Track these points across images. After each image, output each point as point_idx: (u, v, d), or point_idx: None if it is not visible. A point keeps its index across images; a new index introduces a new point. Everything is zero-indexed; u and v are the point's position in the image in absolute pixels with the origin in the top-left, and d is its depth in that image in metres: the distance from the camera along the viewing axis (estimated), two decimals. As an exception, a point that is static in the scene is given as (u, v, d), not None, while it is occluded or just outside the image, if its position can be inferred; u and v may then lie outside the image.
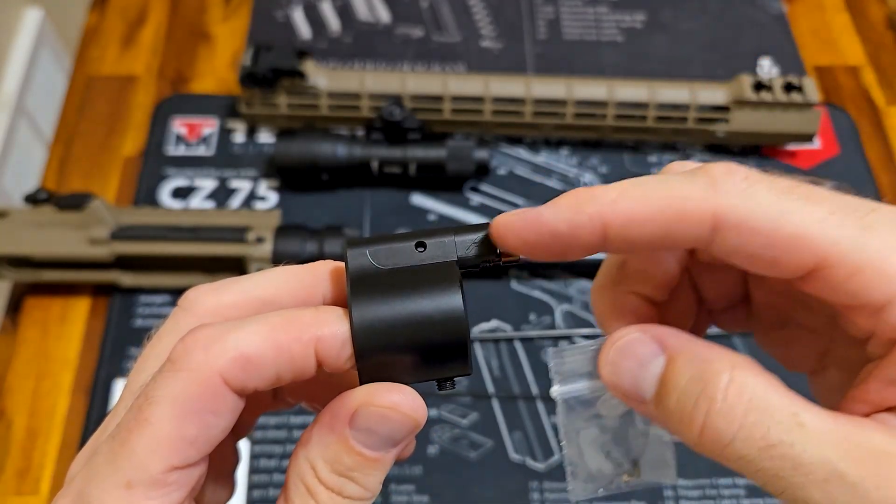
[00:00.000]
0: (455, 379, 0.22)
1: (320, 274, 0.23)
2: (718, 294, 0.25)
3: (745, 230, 0.19)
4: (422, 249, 0.22)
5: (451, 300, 0.21)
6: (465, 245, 0.22)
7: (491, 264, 0.22)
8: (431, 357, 0.21)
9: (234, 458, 0.26)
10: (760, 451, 0.18)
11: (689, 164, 0.22)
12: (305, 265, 0.23)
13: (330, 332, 0.21)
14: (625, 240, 0.20)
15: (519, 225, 0.21)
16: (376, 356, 0.21)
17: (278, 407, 0.27)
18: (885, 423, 0.19)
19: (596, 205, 0.20)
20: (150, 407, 0.20)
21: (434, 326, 0.21)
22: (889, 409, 0.19)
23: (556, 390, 0.23)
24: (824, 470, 0.18)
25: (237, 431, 0.26)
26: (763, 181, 0.20)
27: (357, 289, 0.21)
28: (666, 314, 0.24)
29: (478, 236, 0.22)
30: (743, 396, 0.19)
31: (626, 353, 0.21)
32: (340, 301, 0.23)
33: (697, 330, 0.25)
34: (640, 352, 0.21)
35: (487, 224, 0.22)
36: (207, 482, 0.24)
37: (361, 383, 0.21)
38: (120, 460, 0.20)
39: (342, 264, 0.23)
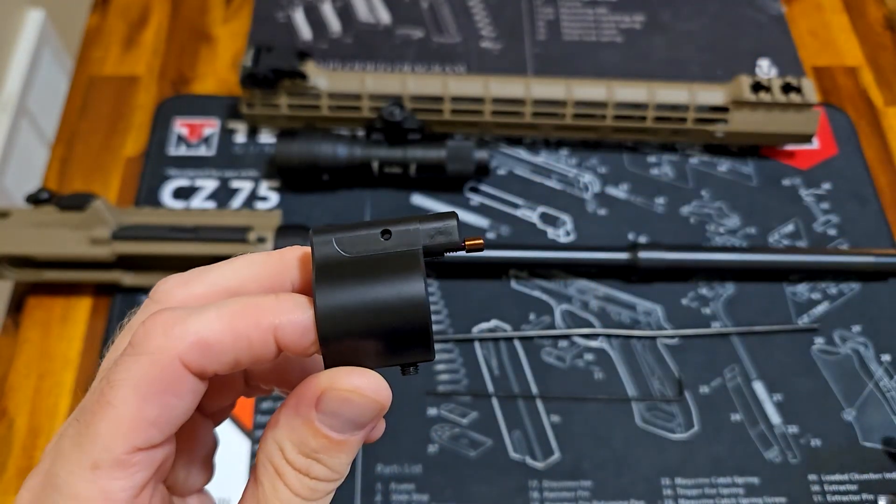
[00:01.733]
0: (418, 364, 0.22)
1: (289, 261, 0.23)
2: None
3: None
4: (387, 237, 0.22)
5: (413, 287, 0.21)
6: (430, 233, 0.22)
7: (455, 252, 0.23)
8: (394, 343, 0.21)
9: (212, 443, 0.27)
10: None
11: None
12: (274, 252, 0.24)
13: (288, 319, 0.21)
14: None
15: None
16: (340, 342, 0.21)
17: (253, 394, 0.27)
18: None
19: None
20: (112, 390, 0.20)
21: (396, 313, 0.21)
22: None
23: None
24: None
25: (215, 417, 0.26)
26: None
27: (322, 276, 0.21)
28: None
29: (442, 224, 0.23)
30: None
31: None
32: (308, 287, 0.23)
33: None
34: None
35: (453, 213, 0.23)
36: (181, 466, 0.24)
37: (326, 368, 0.22)
38: (85, 442, 0.20)
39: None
